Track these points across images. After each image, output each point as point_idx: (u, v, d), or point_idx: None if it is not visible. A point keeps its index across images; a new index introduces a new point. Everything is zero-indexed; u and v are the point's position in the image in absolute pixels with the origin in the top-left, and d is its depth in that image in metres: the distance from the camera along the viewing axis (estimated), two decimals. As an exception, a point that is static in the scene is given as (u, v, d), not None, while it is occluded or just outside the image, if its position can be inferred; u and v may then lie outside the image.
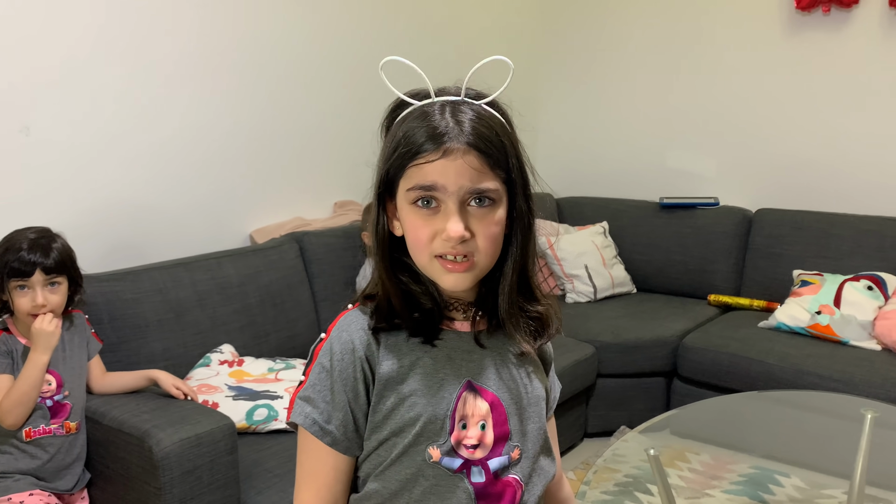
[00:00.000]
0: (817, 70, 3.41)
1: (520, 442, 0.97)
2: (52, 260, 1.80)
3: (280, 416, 2.14)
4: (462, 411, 0.94)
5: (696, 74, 3.74)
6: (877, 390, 2.53)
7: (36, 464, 1.82)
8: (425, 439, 0.92)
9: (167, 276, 2.33)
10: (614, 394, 3.09)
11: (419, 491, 0.93)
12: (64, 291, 1.85)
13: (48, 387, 1.83)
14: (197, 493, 1.78)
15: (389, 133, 0.95)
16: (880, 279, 2.96)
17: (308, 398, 0.94)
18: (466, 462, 0.93)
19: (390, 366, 0.93)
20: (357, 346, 0.93)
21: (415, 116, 0.92)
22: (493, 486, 0.94)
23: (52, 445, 1.84)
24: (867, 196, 3.33)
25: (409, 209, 0.91)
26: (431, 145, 0.88)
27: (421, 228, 0.90)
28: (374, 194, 0.95)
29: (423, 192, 0.89)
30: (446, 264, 0.90)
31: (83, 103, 2.32)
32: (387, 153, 0.93)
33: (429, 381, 0.93)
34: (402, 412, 0.92)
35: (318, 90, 3.05)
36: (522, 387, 0.99)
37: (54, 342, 1.78)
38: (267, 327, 2.53)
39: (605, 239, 3.66)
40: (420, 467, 0.92)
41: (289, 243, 2.72)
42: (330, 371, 0.93)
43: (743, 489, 2.23)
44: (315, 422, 0.93)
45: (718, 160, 3.75)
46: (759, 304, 3.33)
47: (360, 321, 0.95)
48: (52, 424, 1.84)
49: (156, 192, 2.55)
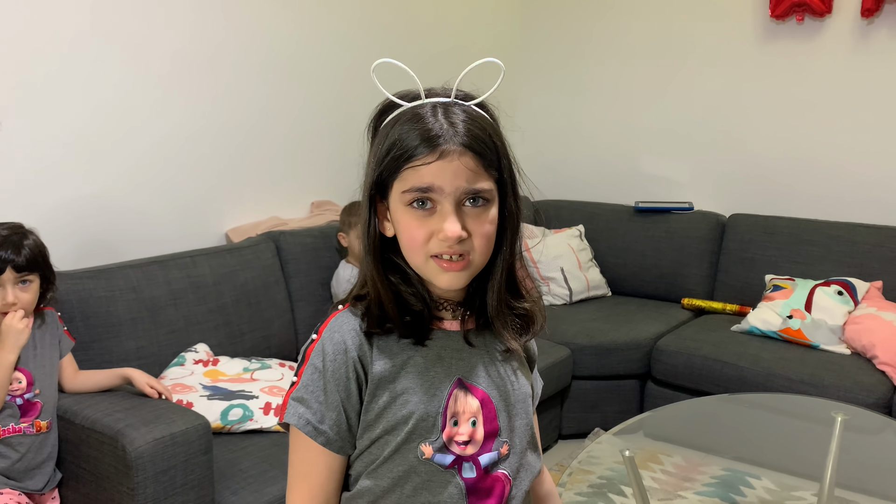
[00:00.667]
0: (791, 78, 3.46)
1: (508, 438, 0.99)
2: (23, 258, 1.76)
3: (255, 416, 2.13)
4: (453, 408, 0.95)
5: (672, 80, 3.78)
6: (846, 393, 2.57)
7: (5, 463, 1.79)
8: (417, 436, 0.94)
9: (141, 274, 2.30)
10: (589, 396, 3.11)
11: (411, 487, 0.94)
12: (35, 289, 1.82)
13: (18, 385, 1.80)
14: (171, 494, 1.77)
15: (379, 134, 0.95)
16: (850, 284, 3.01)
17: (301, 399, 0.94)
18: (458, 458, 0.95)
19: (382, 365, 0.94)
20: (349, 346, 0.93)
21: (407, 118, 0.92)
22: (484, 481, 0.96)
23: (21, 445, 1.81)
24: (838, 203, 3.39)
25: (404, 210, 0.92)
26: (427, 147, 0.89)
27: (417, 229, 0.91)
28: (365, 196, 0.95)
29: (419, 194, 0.90)
30: (442, 263, 0.92)
31: (57, 99, 2.29)
32: (379, 155, 0.93)
33: (420, 379, 0.94)
34: (394, 410, 0.93)
35: (296, 90, 3.04)
36: (510, 384, 1.01)
37: (23, 341, 1.75)
38: (242, 327, 2.52)
39: (581, 242, 3.68)
40: (412, 464, 0.94)
41: (265, 242, 2.71)
42: (323, 371, 0.94)
43: (715, 491, 2.25)
44: (308, 422, 0.94)
45: (693, 165, 3.79)
46: (732, 308, 3.37)
47: (352, 322, 0.96)
48: (21, 423, 1.81)
49: (130, 189, 2.52)
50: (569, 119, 4.11)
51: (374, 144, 0.96)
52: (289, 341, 2.68)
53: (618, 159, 3.99)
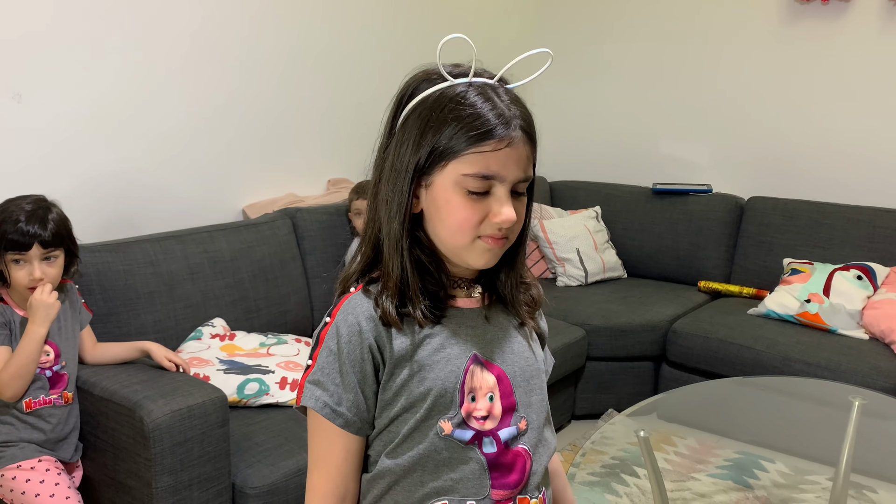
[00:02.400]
0: (814, 60, 3.41)
1: (526, 413, 0.99)
2: (49, 233, 1.76)
3: (271, 391, 2.14)
4: (470, 384, 0.95)
5: (693, 61, 3.73)
6: (864, 378, 2.56)
7: (40, 436, 1.82)
8: (436, 413, 0.93)
9: (159, 248, 2.31)
10: (603, 377, 3.11)
11: (433, 465, 0.94)
12: (61, 264, 1.82)
13: (46, 357, 1.82)
14: (187, 465, 1.78)
15: (424, 110, 0.91)
16: (870, 269, 2.98)
17: (318, 381, 0.94)
18: (478, 433, 0.95)
19: (399, 344, 0.93)
20: (364, 328, 0.93)
21: (465, 99, 0.89)
22: (505, 455, 0.96)
23: (52, 416, 1.84)
24: (859, 186, 3.35)
25: (458, 191, 0.90)
26: (496, 133, 0.88)
27: (471, 211, 0.90)
28: (408, 172, 0.92)
29: (482, 181, 0.90)
30: (488, 241, 0.92)
31: (77, 72, 2.29)
32: (432, 134, 0.90)
33: (437, 356, 0.94)
34: (412, 388, 0.93)
35: (314, 68, 3.02)
36: (524, 360, 1.01)
37: (53, 314, 1.76)
38: (259, 302, 2.53)
39: (598, 223, 3.67)
40: (432, 441, 0.94)
41: (282, 219, 2.71)
42: (338, 354, 0.93)
43: (728, 473, 2.25)
44: (326, 404, 0.93)
45: (712, 147, 3.75)
46: (749, 292, 3.34)
47: (366, 304, 0.95)
48: (51, 395, 1.83)
49: (149, 165, 2.53)
50: (586, 100, 4.08)
51: (414, 119, 0.92)
52: (304, 317, 2.69)
53: (636, 141, 3.96)
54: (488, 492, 0.95)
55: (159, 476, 1.75)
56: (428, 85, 0.93)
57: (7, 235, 1.73)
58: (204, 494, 1.82)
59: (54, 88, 2.25)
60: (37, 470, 1.78)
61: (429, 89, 0.92)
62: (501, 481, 0.95)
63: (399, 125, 0.94)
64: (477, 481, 0.95)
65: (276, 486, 1.85)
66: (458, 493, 0.94)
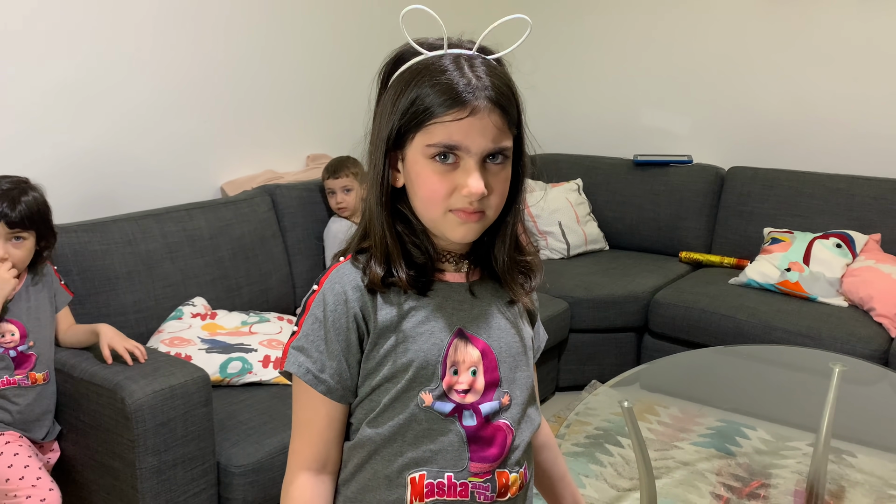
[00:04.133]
0: (793, 29, 3.41)
1: (509, 389, 0.99)
2: (17, 214, 1.73)
3: (254, 369, 2.13)
4: (453, 357, 0.95)
5: (673, 32, 3.72)
6: (843, 345, 2.58)
7: (4, 415, 1.80)
8: (417, 385, 0.94)
9: (136, 227, 2.28)
10: (586, 348, 3.12)
11: (412, 435, 0.95)
12: (29, 247, 1.79)
13: (11, 337, 1.80)
14: (171, 445, 1.77)
15: (398, 82, 0.92)
16: (849, 237, 3.01)
17: (302, 348, 0.95)
18: (458, 406, 0.95)
19: (384, 315, 0.94)
20: (350, 297, 0.93)
21: (433, 69, 0.89)
22: (485, 429, 0.96)
23: (19, 396, 1.81)
24: (838, 155, 3.36)
25: (426, 163, 0.90)
26: (457, 103, 0.87)
27: (438, 183, 0.90)
28: (380, 146, 0.93)
29: (444, 150, 0.89)
30: (460, 215, 0.91)
31: (50, 52, 2.24)
32: (401, 105, 0.90)
33: (420, 328, 0.95)
34: (394, 358, 0.94)
35: (291, 42, 2.98)
36: (511, 336, 1.01)
37: (7, 290, 1.73)
38: (239, 280, 2.51)
39: (579, 196, 3.66)
40: (413, 412, 0.94)
41: (261, 196, 2.69)
42: (323, 321, 0.94)
43: (710, 441, 2.27)
44: (309, 370, 0.94)
45: (692, 118, 3.75)
46: (730, 262, 3.36)
47: (353, 274, 0.95)
48: (16, 375, 1.81)
49: (123, 142, 2.49)
50: (567, 72, 4.05)
51: (390, 92, 0.92)
52: (286, 295, 2.67)
53: (616, 112, 3.94)
54: (466, 464, 0.96)
55: (143, 457, 1.74)
56: (405, 60, 0.93)
57: None
58: (189, 474, 1.81)
59: (25, 66, 2.20)
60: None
61: (404, 65, 0.92)
62: (480, 454, 0.96)
63: (377, 101, 0.95)
64: (455, 453, 0.95)
65: (262, 463, 1.85)
66: (436, 464, 0.95)
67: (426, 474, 0.95)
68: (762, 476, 2.06)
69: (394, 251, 0.94)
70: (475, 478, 0.96)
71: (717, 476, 2.03)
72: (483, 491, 0.97)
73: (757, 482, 2.02)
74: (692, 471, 2.06)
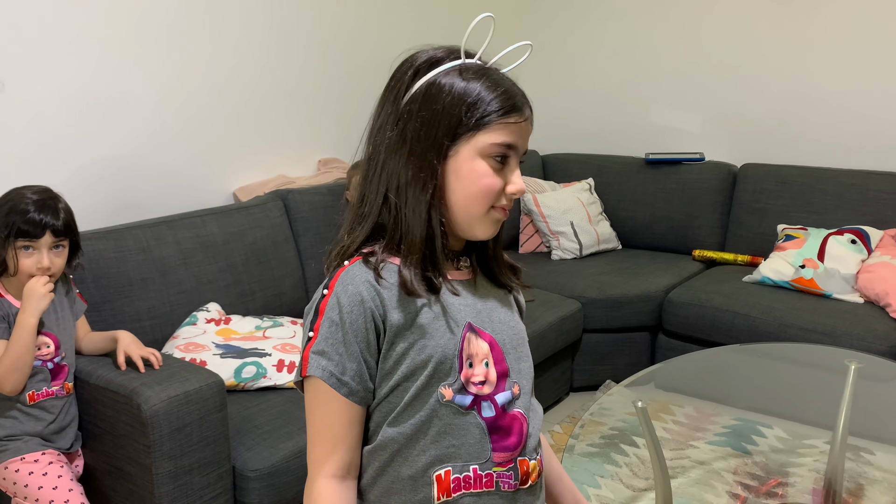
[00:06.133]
0: (804, 24, 3.39)
1: (518, 379, 1.02)
2: (61, 222, 1.75)
3: (268, 374, 2.14)
4: (468, 351, 0.97)
5: (683, 30, 3.71)
6: (859, 342, 2.56)
7: (40, 426, 1.81)
8: (436, 380, 0.95)
9: (150, 234, 2.30)
10: (600, 349, 3.12)
11: (434, 432, 0.96)
12: (66, 255, 1.81)
13: (48, 349, 1.81)
14: (187, 451, 1.79)
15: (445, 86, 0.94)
16: (863, 233, 2.99)
17: (322, 351, 0.94)
18: (476, 398, 0.97)
19: (398, 315, 0.95)
20: (365, 297, 0.94)
21: (491, 76, 0.95)
22: (503, 419, 0.99)
23: (54, 407, 1.83)
24: (852, 150, 3.34)
25: (481, 161, 0.95)
26: (517, 109, 0.95)
27: (493, 179, 0.96)
28: (434, 144, 0.94)
29: (505, 150, 0.95)
30: (500, 212, 0.98)
31: (62, 61, 2.26)
32: (460, 105, 0.93)
33: (435, 324, 0.96)
34: (412, 356, 0.95)
35: (302, 48, 2.99)
36: (511, 328, 1.05)
37: (44, 305, 1.73)
38: (253, 285, 2.52)
39: (591, 195, 3.66)
40: (433, 408, 0.95)
41: (273, 201, 2.70)
42: (340, 324, 0.94)
43: (726, 440, 2.26)
44: (332, 374, 0.94)
45: (704, 115, 3.73)
46: (744, 259, 3.35)
47: (365, 274, 0.96)
48: (53, 387, 1.83)
49: (137, 150, 2.51)
50: (576, 71, 4.05)
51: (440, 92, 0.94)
52: (300, 299, 2.68)
53: (627, 111, 3.94)
54: (490, 455, 0.97)
55: (159, 462, 1.75)
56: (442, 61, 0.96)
57: (18, 224, 1.71)
58: (204, 479, 1.82)
59: (38, 76, 2.22)
60: (40, 463, 1.78)
61: (444, 65, 0.96)
62: (501, 444, 0.98)
63: (412, 98, 0.95)
64: (478, 445, 0.97)
65: (277, 467, 1.86)
66: (460, 458, 0.96)
67: (451, 469, 0.96)
68: (779, 474, 2.05)
69: (439, 250, 0.97)
70: (499, 467, 0.98)
71: (733, 475, 2.03)
72: (507, 479, 0.99)
73: (774, 481, 2.01)
74: (708, 470, 2.06)
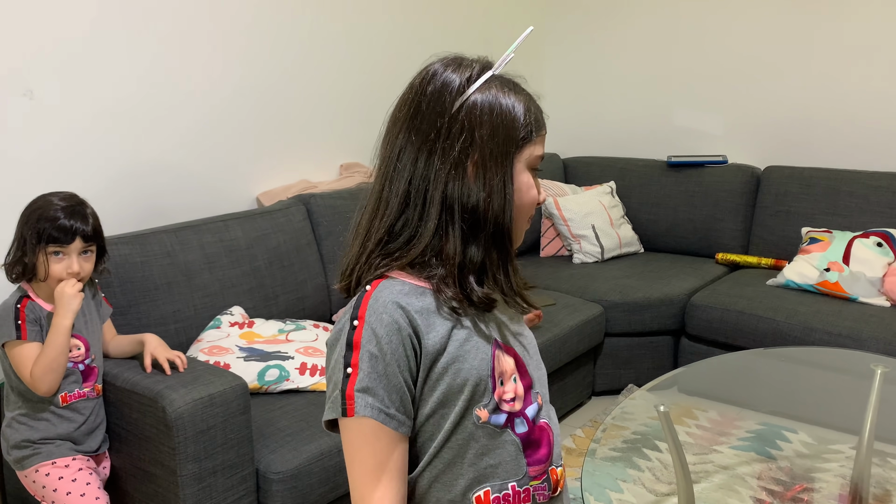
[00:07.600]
0: (827, 25, 3.36)
1: (539, 389, 1.03)
2: (91, 228, 1.79)
3: (291, 377, 2.16)
4: (499, 368, 0.96)
5: (704, 31, 3.69)
6: (886, 346, 2.53)
7: (71, 427, 1.84)
8: (473, 403, 0.94)
9: (175, 239, 2.33)
10: (622, 352, 3.10)
11: (472, 455, 0.95)
12: (93, 260, 1.84)
13: (78, 352, 1.84)
14: (211, 453, 1.80)
15: (497, 99, 0.94)
16: (890, 235, 2.95)
17: (366, 388, 0.90)
18: (509, 416, 0.97)
19: (432, 339, 0.92)
20: (402, 324, 0.91)
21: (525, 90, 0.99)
22: (533, 432, 0.99)
23: (85, 408, 1.86)
24: (877, 152, 3.30)
25: (529, 174, 0.98)
26: (543, 123, 0.99)
27: (535, 191, 0.99)
28: (506, 155, 0.94)
29: (541, 160, 1.00)
30: (530, 221, 1.02)
31: (88, 68, 2.30)
32: (522, 118, 0.95)
33: (466, 346, 0.94)
34: (447, 381, 0.92)
35: (324, 54, 3.01)
36: (527, 339, 1.05)
37: (76, 306, 1.76)
38: (276, 289, 2.54)
39: (613, 198, 3.65)
40: (470, 431, 0.94)
41: (296, 206, 2.72)
42: (381, 356, 0.90)
43: (751, 445, 2.24)
44: (381, 410, 0.90)
45: (726, 118, 3.71)
46: (768, 262, 3.32)
47: (393, 295, 0.92)
48: (84, 388, 1.86)
49: (163, 156, 2.54)
50: (598, 74, 4.04)
51: (496, 104, 0.94)
52: (322, 303, 2.70)
53: (649, 114, 3.92)
54: (525, 470, 0.97)
55: (183, 464, 1.77)
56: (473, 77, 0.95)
57: (48, 230, 1.74)
58: (228, 481, 1.84)
59: (65, 84, 2.26)
60: (70, 469, 1.81)
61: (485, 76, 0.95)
62: (535, 457, 0.98)
63: (461, 119, 0.93)
64: (514, 462, 0.97)
65: (300, 470, 1.87)
66: (498, 477, 0.96)
67: (490, 490, 0.95)
68: (805, 480, 2.02)
69: (505, 273, 0.98)
70: (535, 481, 0.98)
71: (758, 480, 2.01)
72: (542, 491, 0.99)
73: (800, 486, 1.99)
74: (732, 475, 2.04)
